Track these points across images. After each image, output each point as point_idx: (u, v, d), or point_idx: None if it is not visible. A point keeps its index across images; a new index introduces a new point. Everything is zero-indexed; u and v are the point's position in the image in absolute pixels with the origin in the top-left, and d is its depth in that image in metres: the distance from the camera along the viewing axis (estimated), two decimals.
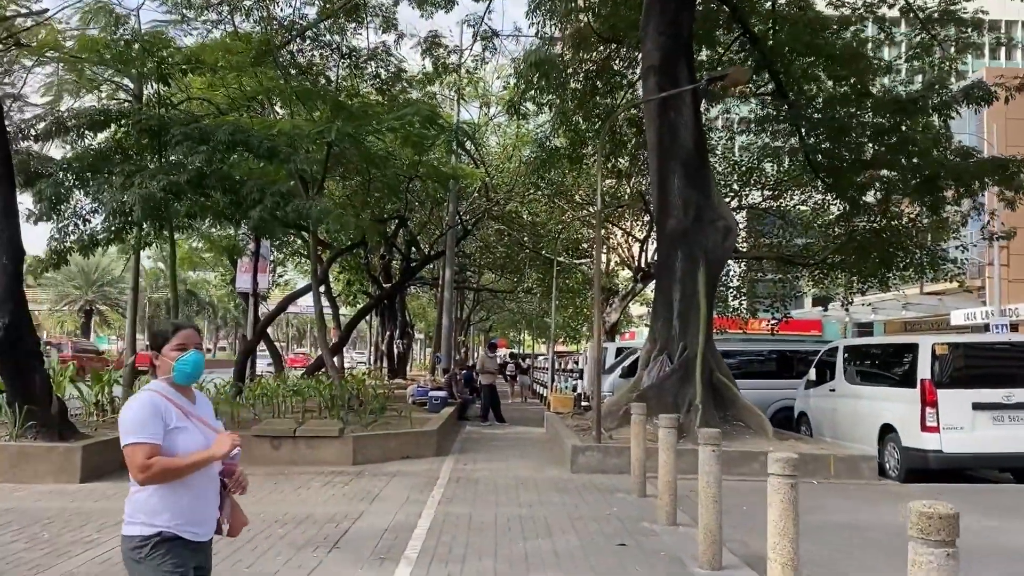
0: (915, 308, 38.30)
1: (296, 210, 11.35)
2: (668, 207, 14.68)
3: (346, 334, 23.75)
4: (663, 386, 13.28)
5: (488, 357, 19.95)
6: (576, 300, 30.50)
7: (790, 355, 18.25)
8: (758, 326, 29.73)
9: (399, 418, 13.74)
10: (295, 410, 14.31)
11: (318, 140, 16.01)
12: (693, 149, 14.78)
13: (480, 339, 60.60)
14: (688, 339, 13.82)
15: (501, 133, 28.38)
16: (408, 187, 21.19)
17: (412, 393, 19.17)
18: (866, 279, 22.68)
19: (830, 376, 14.49)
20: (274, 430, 11.19)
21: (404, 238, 30.85)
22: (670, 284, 14.34)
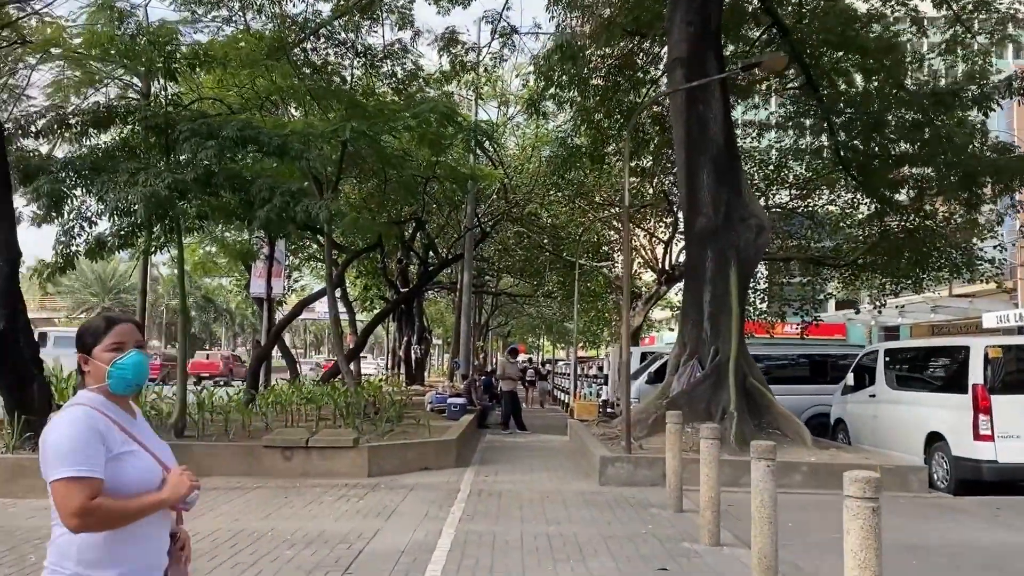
0: (944, 311, 37.31)
1: (305, 210, 10.78)
2: (697, 205, 14.04)
3: (362, 340, 23.21)
4: (695, 392, 12.62)
5: (509, 363, 19.28)
6: (597, 304, 29.85)
7: (824, 359, 17.52)
8: (781, 330, 28.95)
9: (417, 426, 13.14)
10: (309, 418, 13.77)
11: (332, 140, 15.52)
12: (723, 144, 14.14)
13: (499, 344, 59.98)
14: (720, 343, 13.16)
15: (520, 134, 27.79)
16: (425, 188, 20.62)
17: (430, 400, 18.56)
18: (899, 280, 21.89)
19: (869, 381, 13.77)
20: (285, 440, 10.63)
21: (422, 242, 30.34)
22: (700, 285, 13.69)
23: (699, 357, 13.38)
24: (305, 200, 11.02)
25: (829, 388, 16.67)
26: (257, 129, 11.46)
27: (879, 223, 21.25)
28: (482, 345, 46.23)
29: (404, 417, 16.51)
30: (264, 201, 10.76)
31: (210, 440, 11.19)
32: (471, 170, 21.01)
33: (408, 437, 12.03)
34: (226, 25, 16.48)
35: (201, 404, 12.13)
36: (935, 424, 11.36)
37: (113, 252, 11.61)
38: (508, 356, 20.08)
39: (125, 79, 13.76)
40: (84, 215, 11.16)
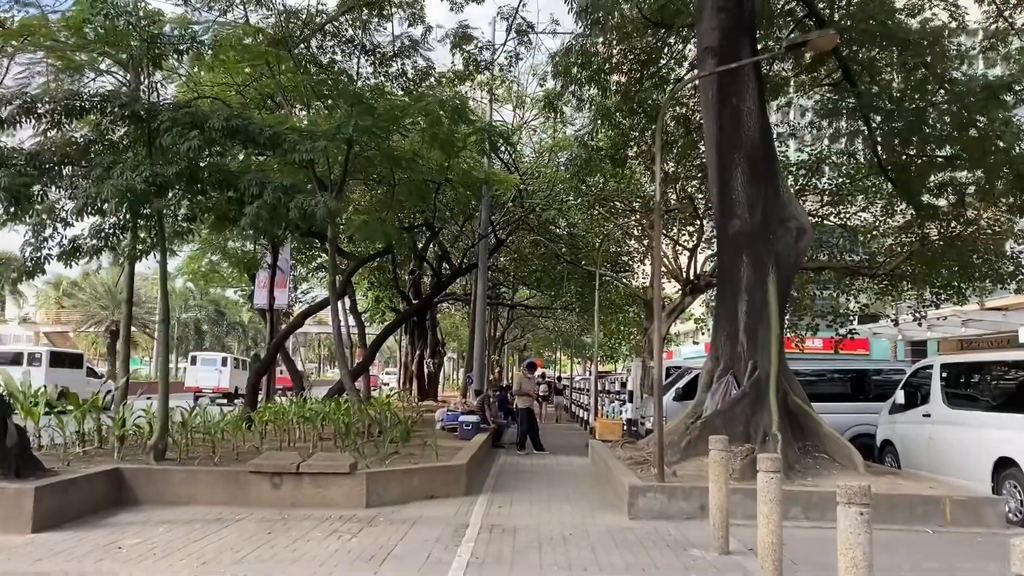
0: (975, 324, 35.77)
1: (300, 207, 9.65)
2: (731, 206, 12.84)
3: (371, 353, 22.06)
4: (732, 412, 11.37)
5: (526, 378, 17.95)
6: (618, 316, 28.59)
7: (865, 374, 16.22)
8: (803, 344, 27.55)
9: (424, 448, 11.94)
10: (309, 439, 12.63)
11: (336, 137, 14.44)
12: (759, 140, 12.95)
13: (515, 359, 58.71)
14: (758, 356, 11.91)
15: (536, 139, 26.68)
16: (437, 193, 19.50)
17: (441, 418, 17.39)
18: (940, 291, 20.53)
19: (922, 399, 12.49)
20: (274, 465, 9.46)
21: (435, 252, 29.26)
22: (735, 294, 12.48)
23: (735, 373, 12.15)
24: (300, 196, 9.89)
25: (871, 406, 15.40)
26: (247, 119, 10.38)
27: (919, 230, 19.94)
28: (497, 359, 45.00)
29: (413, 436, 15.40)
30: (254, 197, 9.65)
31: (192, 464, 10.05)
32: (486, 175, 19.87)
33: (413, 461, 10.84)
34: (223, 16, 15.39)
35: (185, 423, 10.99)
36: (1006, 449, 10.07)
37: (90, 257, 10.50)
38: (525, 370, 18.75)
39: (113, 71, 12.71)
40: (58, 215, 10.11)
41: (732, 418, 11.30)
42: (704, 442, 11.17)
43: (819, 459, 11.04)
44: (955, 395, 11.72)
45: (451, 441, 14.97)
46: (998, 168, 16.42)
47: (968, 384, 11.74)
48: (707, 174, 20.92)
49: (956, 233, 19.53)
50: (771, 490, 6.01)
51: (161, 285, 10.82)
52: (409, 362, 30.73)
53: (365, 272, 29.19)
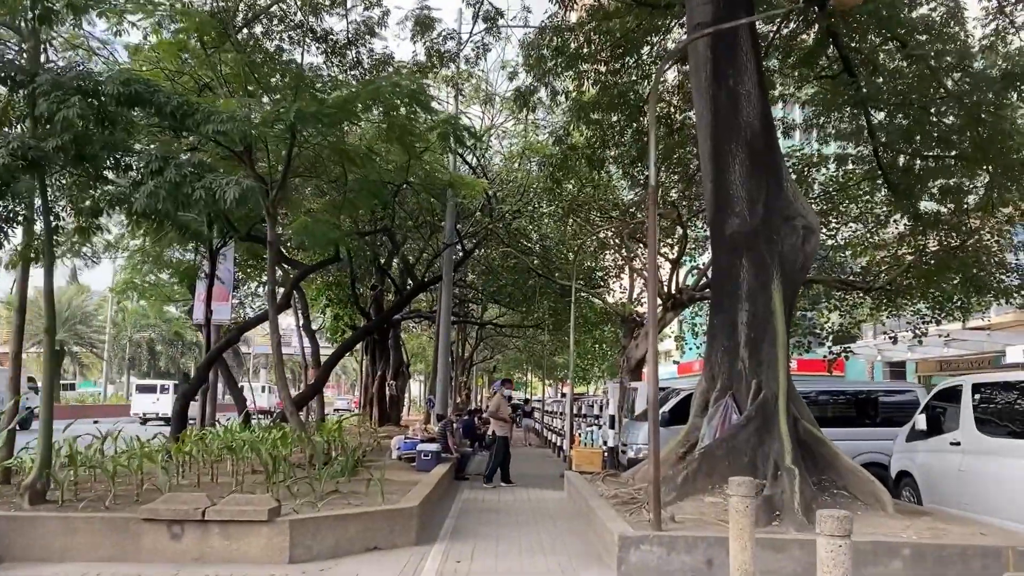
0: (958, 345, 34.55)
1: (209, 188, 7.80)
2: (728, 202, 11.19)
3: (324, 373, 20.10)
4: (735, 441, 9.61)
5: (503, 398, 15.59)
6: (594, 333, 26.83)
7: (871, 397, 14.58)
8: None
9: (371, 484, 10.02)
10: (239, 473, 10.67)
11: (275, 124, 12.63)
12: (759, 127, 11.34)
13: (484, 380, 56.66)
14: (763, 375, 10.21)
15: (506, 143, 25.00)
16: (396, 196, 17.71)
17: (397, 446, 15.47)
18: (942, 306, 19.05)
19: (949, 425, 10.81)
20: (174, 510, 7.53)
21: (398, 266, 27.39)
22: (734, 302, 10.79)
23: (734, 394, 10.44)
24: (210, 176, 8.03)
25: (880, 432, 13.78)
26: (152, 86, 8.51)
27: (919, 240, 18.49)
28: (465, 380, 43.03)
29: (365, 467, 13.52)
30: (153, 174, 7.78)
31: (76, 508, 8.07)
32: (450, 177, 18.11)
33: (355, 502, 8.95)
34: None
35: (73, 457, 9.00)
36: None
37: None
38: (503, 388, 16.29)
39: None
40: None
41: (735, 448, 9.55)
42: (704, 476, 9.43)
43: (839, 497, 9.31)
44: (991, 420, 10.05)
45: (407, 473, 13.10)
46: (1013, 168, 14.99)
47: (1007, 408, 10.09)
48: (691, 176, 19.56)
49: (959, 244, 18.12)
50: (836, 555, 4.22)
51: (46, 289, 8.87)
52: (369, 384, 28.72)
53: (321, 286, 27.25)
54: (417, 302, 34.42)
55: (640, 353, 19.83)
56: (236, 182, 8.13)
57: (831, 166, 18.35)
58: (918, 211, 17.80)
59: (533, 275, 23.17)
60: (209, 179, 7.99)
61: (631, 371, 19.71)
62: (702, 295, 20.68)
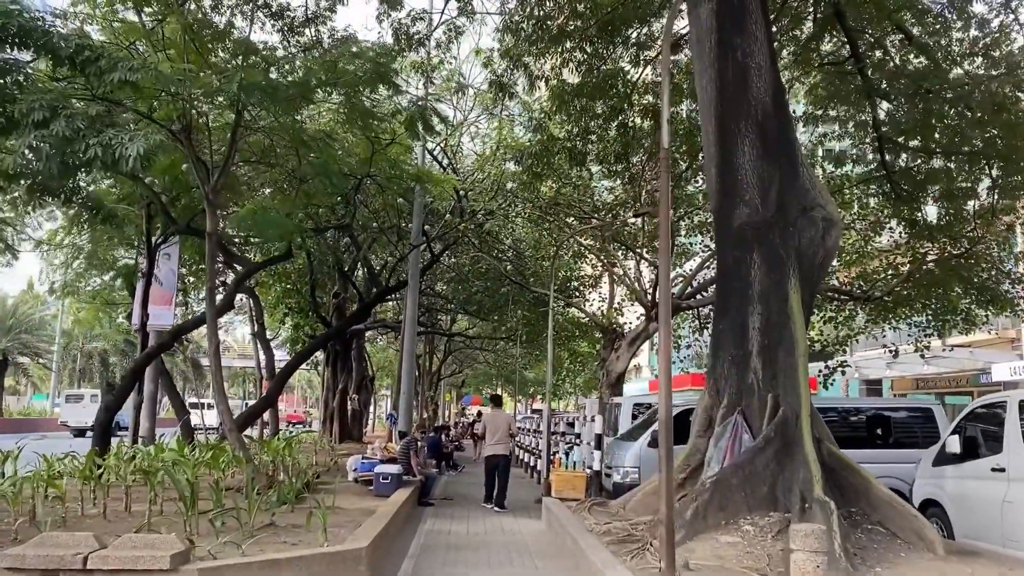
0: (937, 362, 33.50)
1: (105, 144, 6.16)
2: (736, 189, 9.74)
3: (278, 385, 18.33)
4: (751, 467, 8.08)
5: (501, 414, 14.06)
6: (569, 345, 25.29)
7: (884, 415, 13.15)
8: None
9: (316, 513, 8.32)
10: (154, 502, 8.94)
11: (216, 96, 11.00)
12: (771, 104, 9.94)
13: (452, 395, 54.89)
14: (780, 389, 8.72)
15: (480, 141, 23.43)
16: (358, 189, 16.07)
17: (354, 467, 13.78)
18: (946, 318, 17.81)
19: (990, 447, 9.38)
20: (47, 556, 5.81)
21: (363, 274, 25.70)
22: (743, 304, 9.30)
23: (744, 411, 8.93)
24: (110, 131, 6.37)
25: (894, 454, 12.38)
26: (48, 22, 6.84)
27: (922, 246, 17.25)
28: (432, 395, 41.23)
29: (314, 491, 11.87)
30: (38, 125, 6.11)
31: None
32: (418, 171, 16.52)
33: (293, 539, 7.28)
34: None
35: None
36: None
37: None
38: (493, 405, 14.70)
39: None
40: None
41: (753, 476, 8.02)
42: (717, 510, 7.84)
43: (875, 534, 7.81)
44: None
45: (362, 499, 11.44)
46: None
47: None
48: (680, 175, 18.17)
49: (961, 252, 16.91)
50: None
51: None
52: (330, 398, 26.90)
53: (280, 293, 25.46)
54: (383, 311, 32.70)
55: (622, 366, 18.34)
56: (143, 136, 6.48)
57: (827, 166, 17.04)
58: (915, 219, 16.62)
59: (506, 282, 21.61)
60: (109, 134, 6.34)
61: (611, 385, 18.22)
62: (688, 304, 19.26)
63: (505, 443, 13.41)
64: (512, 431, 14.01)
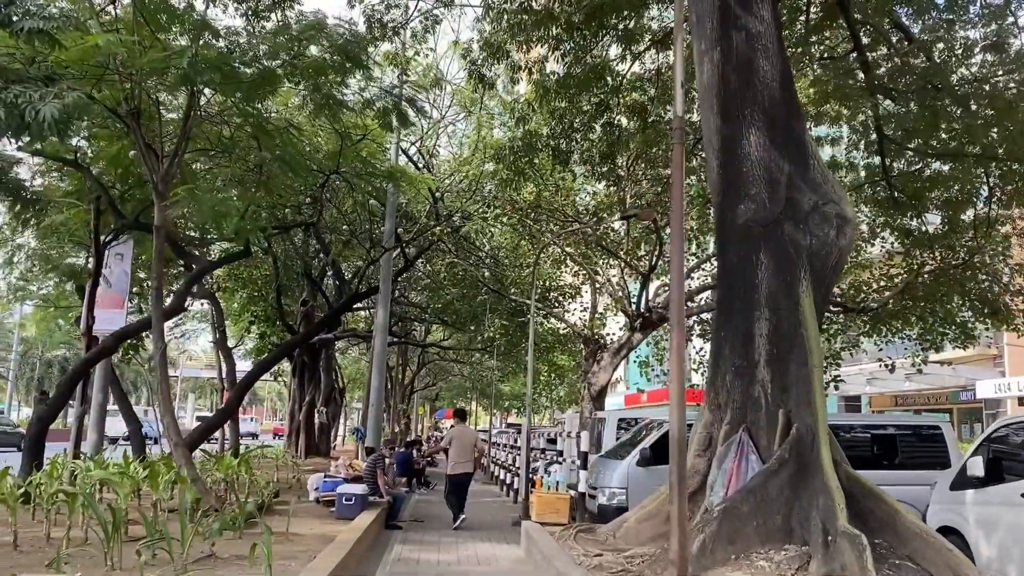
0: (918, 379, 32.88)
1: (8, 103, 5.09)
2: (741, 182, 8.81)
3: (238, 396, 17.16)
4: (764, 493, 7.09)
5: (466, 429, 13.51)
6: (548, 357, 24.26)
7: (890, 434, 12.24)
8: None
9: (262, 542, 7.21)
10: (82, 526, 7.81)
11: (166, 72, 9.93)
12: (779, 89, 9.06)
13: (425, 409, 53.58)
14: (793, 403, 7.77)
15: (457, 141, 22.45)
16: (324, 185, 15.01)
17: (316, 486, 12.66)
18: (944, 330, 17.03)
19: (1018, 470, 8.48)
20: None
21: (332, 282, 24.58)
22: (749, 308, 8.35)
23: (749, 427, 7.96)
24: (16, 87, 5.30)
25: (901, 476, 11.48)
26: None
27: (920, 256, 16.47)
28: (405, 409, 39.99)
29: (270, 514, 10.79)
30: None
31: None
32: (390, 167, 15.49)
33: (234, 572, 6.17)
34: None
35: None
36: None
37: None
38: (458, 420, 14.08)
39: None
40: None
41: (765, 503, 7.03)
42: (726, 543, 6.83)
43: (904, 571, 6.83)
44: None
45: (322, 523, 10.35)
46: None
47: None
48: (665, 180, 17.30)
49: (960, 262, 16.16)
50: None
51: None
52: (296, 410, 25.66)
53: (244, 300, 24.26)
54: (355, 321, 31.53)
55: (604, 378, 17.35)
56: (55, 94, 5.40)
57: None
58: (909, 228, 15.88)
59: (483, 290, 20.57)
60: (13, 91, 5.26)
61: (593, 399, 17.23)
62: None
63: (472, 460, 12.94)
64: (479, 447, 13.67)
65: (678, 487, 4.99)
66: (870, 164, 15.86)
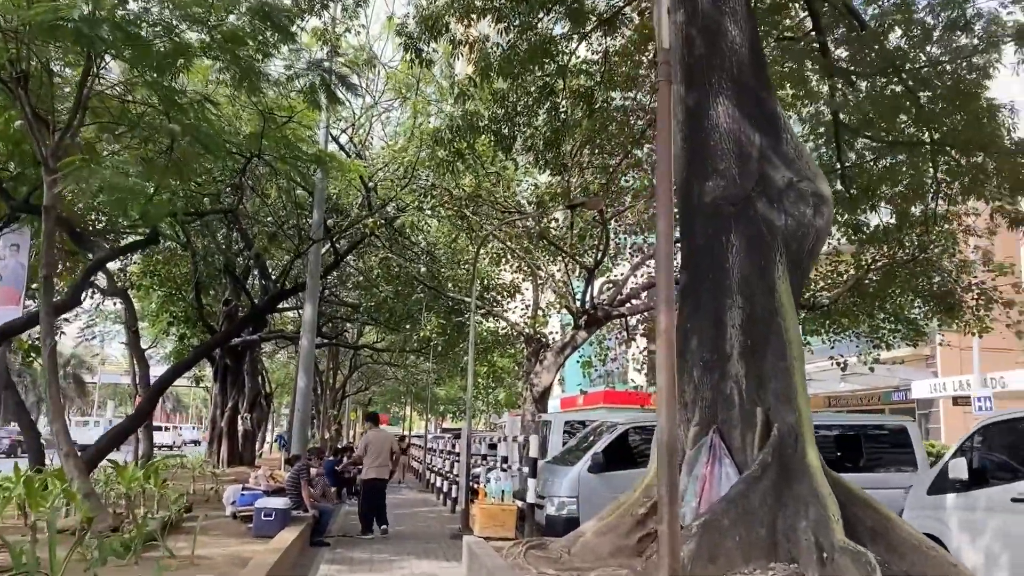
0: (853, 379, 32.91)
1: None
2: (708, 156, 7.97)
3: (151, 400, 15.71)
4: (746, 503, 6.19)
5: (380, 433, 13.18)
6: (487, 358, 23.22)
7: (854, 434, 11.57)
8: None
9: (160, 568, 6.02)
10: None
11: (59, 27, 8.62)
12: (748, 55, 8.26)
13: (357, 414, 51.89)
14: (773, 400, 6.92)
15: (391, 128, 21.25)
16: (245, 170, 13.75)
17: (232, 499, 11.39)
18: (895, 327, 16.60)
19: (1008, 472, 7.81)
20: None
21: (259, 282, 23.08)
22: (718, 296, 7.49)
23: (720, 427, 7.08)
24: None
25: (868, 478, 10.78)
26: None
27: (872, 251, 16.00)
28: (336, 414, 38.44)
29: (181, 530, 9.55)
30: None
31: None
32: (318, 151, 14.29)
33: None
34: None
35: None
36: None
37: None
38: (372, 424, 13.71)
39: None
40: None
41: (748, 515, 6.13)
42: (707, 561, 5.92)
43: None
44: None
45: (238, 541, 9.15)
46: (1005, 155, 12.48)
47: None
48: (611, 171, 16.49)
49: (909, 259, 15.75)
50: None
51: None
52: (218, 416, 24.07)
53: (163, 299, 22.63)
54: (283, 323, 30.01)
55: (548, 379, 16.42)
56: None
57: None
58: (859, 223, 15.39)
59: (419, 287, 19.43)
60: None
61: (536, 400, 16.28)
62: (619, 312, 17.51)
63: (387, 465, 12.70)
64: (395, 452, 13.66)
65: (669, 502, 4.03)
66: (821, 156, 15.31)
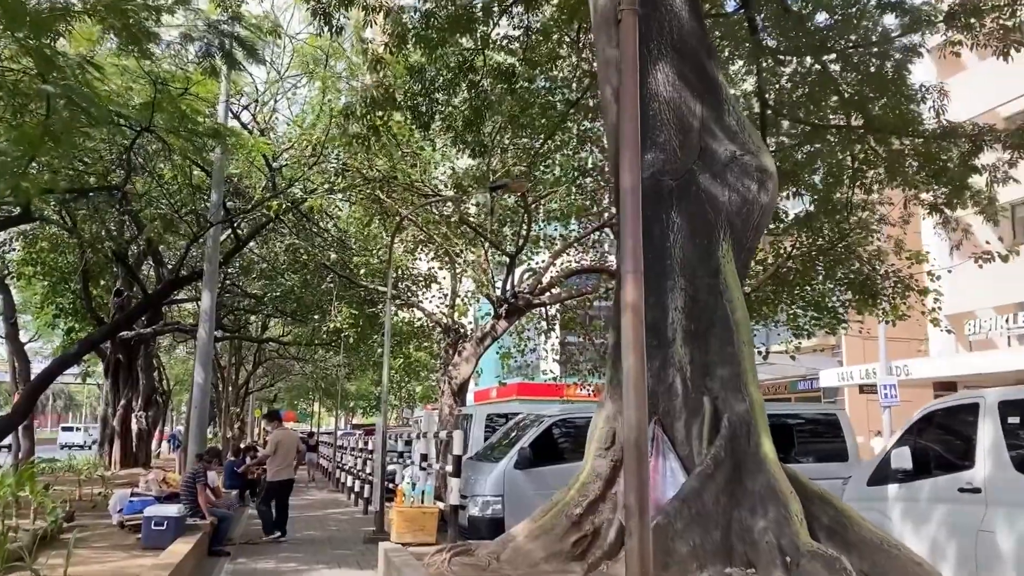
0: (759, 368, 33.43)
1: None
2: (645, 127, 7.22)
3: (30, 398, 14.27)
4: (699, 503, 5.60)
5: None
6: (403, 350, 22.29)
7: (784, 424, 11.23)
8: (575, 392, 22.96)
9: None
10: None
11: None
12: (689, 19, 7.68)
13: (262, 411, 49.94)
14: (720, 390, 6.36)
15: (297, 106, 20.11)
16: (134, 143, 12.54)
17: (119, 507, 10.26)
18: (817, 318, 16.49)
19: (954, 462, 7.50)
20: None
21: (156, 271, 21.62)
22: (659, 278, 6.88)
23: (662, 419, 6.50)
24: None
25: (802, 469, 10.44)
26: None
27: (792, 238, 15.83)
28: (239, 412, 36.75)
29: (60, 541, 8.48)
30: None
31: None
32: (217, 126, 13.17)
33: None
34: None
35: None
36: None
37: None
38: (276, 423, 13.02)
39: None
40: None
41: (702, 516, 5.54)
42: (660, 567, 5.29)
43: None
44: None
45: (125, 554, 8.13)
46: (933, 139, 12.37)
47: None
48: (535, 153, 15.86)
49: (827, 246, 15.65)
50: None
51: None
52: (110, 415, 22.44)
53: (46, 286, 20.89)
54: (181, 315, 28.33)
55: (467, 370, 15.67)
56: None
57: None
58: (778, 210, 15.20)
59: (329, 275, 18.38)
60: None
61: (455, 393, 15.52)
62: (540, 302, 16.90)
63: (292, 466, 12.52)
64: (300, 451, 13.79)
65: (639, 513, 3.35)
66: None
